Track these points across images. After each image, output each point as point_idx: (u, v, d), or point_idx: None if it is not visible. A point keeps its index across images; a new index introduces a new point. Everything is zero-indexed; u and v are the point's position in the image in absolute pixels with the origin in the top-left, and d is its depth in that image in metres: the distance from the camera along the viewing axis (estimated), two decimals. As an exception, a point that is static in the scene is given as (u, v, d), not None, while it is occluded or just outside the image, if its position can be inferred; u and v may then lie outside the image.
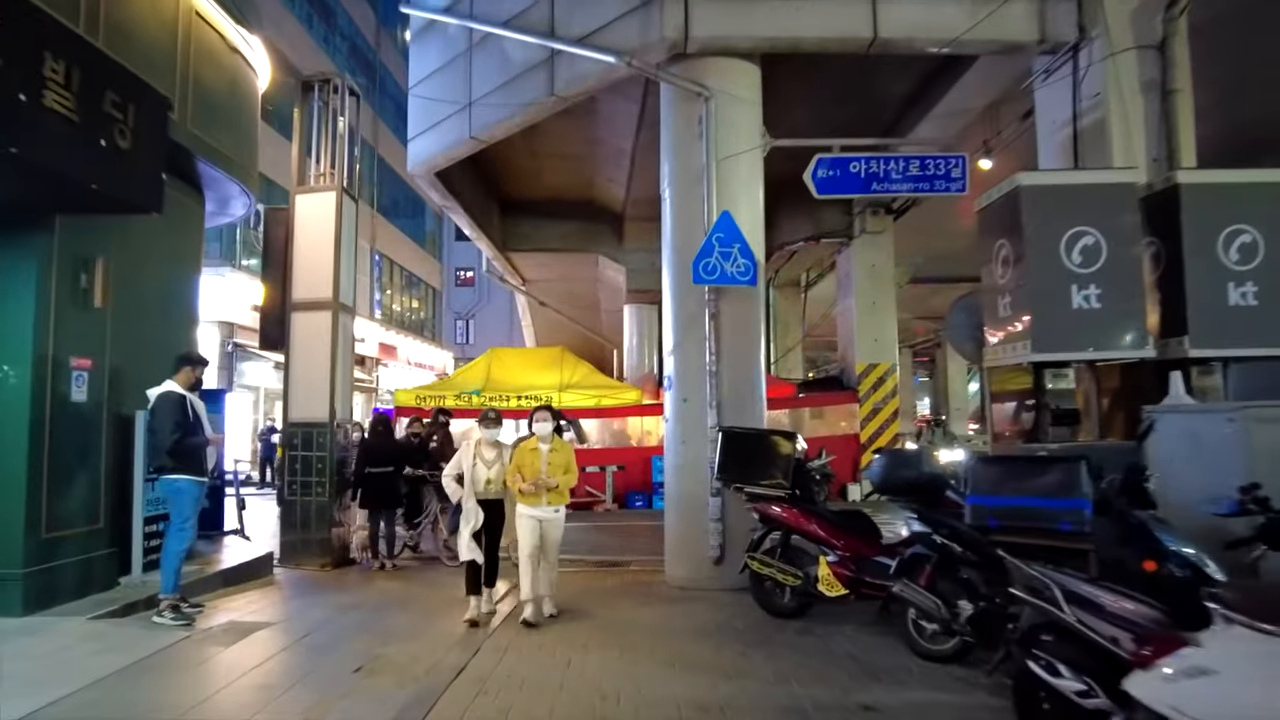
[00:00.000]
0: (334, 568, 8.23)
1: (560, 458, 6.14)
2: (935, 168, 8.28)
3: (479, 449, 6.22)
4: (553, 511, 6.13)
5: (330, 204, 8.53)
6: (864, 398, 15.26)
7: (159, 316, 7.10)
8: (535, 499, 6.02)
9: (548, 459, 6.05)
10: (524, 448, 6.13)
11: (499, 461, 6.21)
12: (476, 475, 6.13)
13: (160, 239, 7.03)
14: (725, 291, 7.37)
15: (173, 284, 7.49)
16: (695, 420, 7.37)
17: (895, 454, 6.03)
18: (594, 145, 13.28)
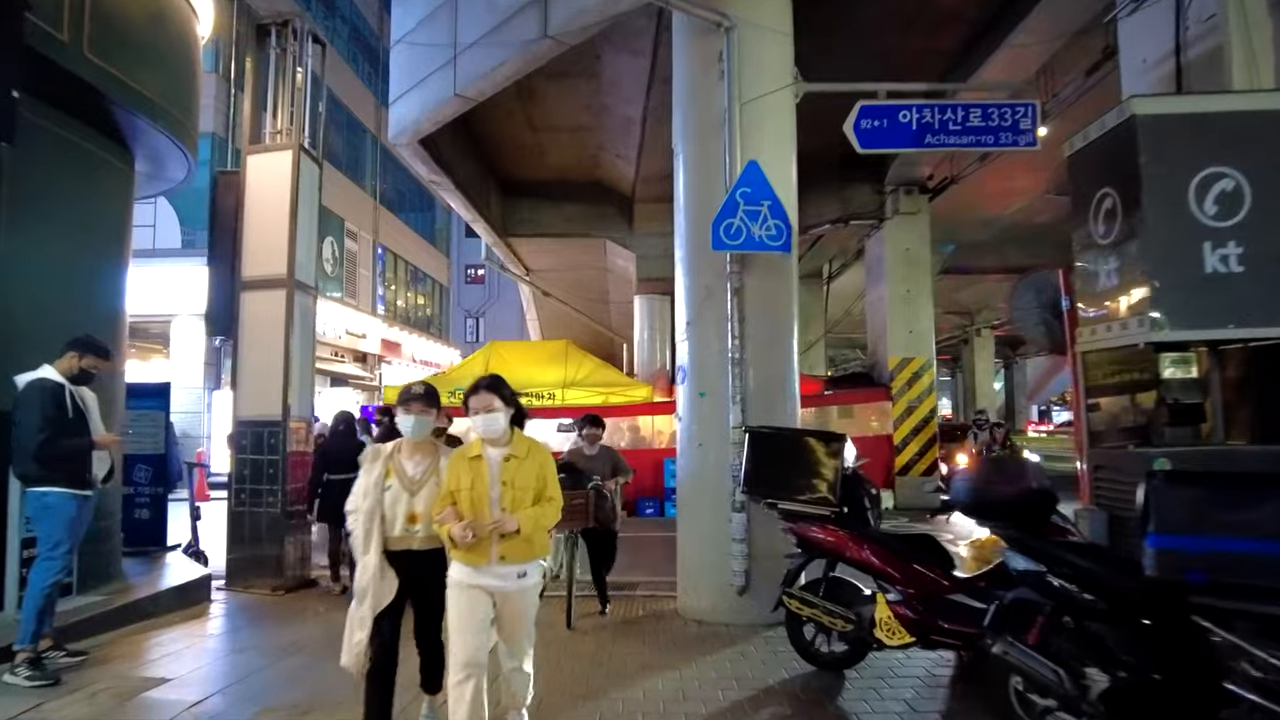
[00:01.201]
0: (288, 591, 6.98)
1: (526, 473, 3.38)
2: (1000, 117, 6.92)
3: (396, 460, 3.52)
4: (514, 576, 3.32)
5: (286, 165, 7.28)
6: (897, 395, 13.88)
7: (58, 305, 5.78)
8: (478, 554, 3.27)
9: (500, 476, 3.34)
10: (460, 457, 3.44)
11: (434, 480, 3.51)
12: (391, 509, 3.46)
13: (64, 203, 5.81)
14: (751, 261, 6.05)
15: (84, 262, 6.22)
16: (714, 419, 6.06)
17: (993, 463, 4.66)
18: (599, 114, 11.98)
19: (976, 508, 3.98)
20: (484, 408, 3.38)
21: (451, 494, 3.36)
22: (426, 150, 10.60)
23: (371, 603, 3.38)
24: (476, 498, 3.31)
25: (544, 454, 3.53)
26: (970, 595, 4.42)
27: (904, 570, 4.56)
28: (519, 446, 3.44)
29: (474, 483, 3.33)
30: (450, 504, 3.33)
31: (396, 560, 3.47)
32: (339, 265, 26.01)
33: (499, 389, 3.45)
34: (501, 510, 3.29)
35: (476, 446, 3.42)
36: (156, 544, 7.59)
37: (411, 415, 3.50)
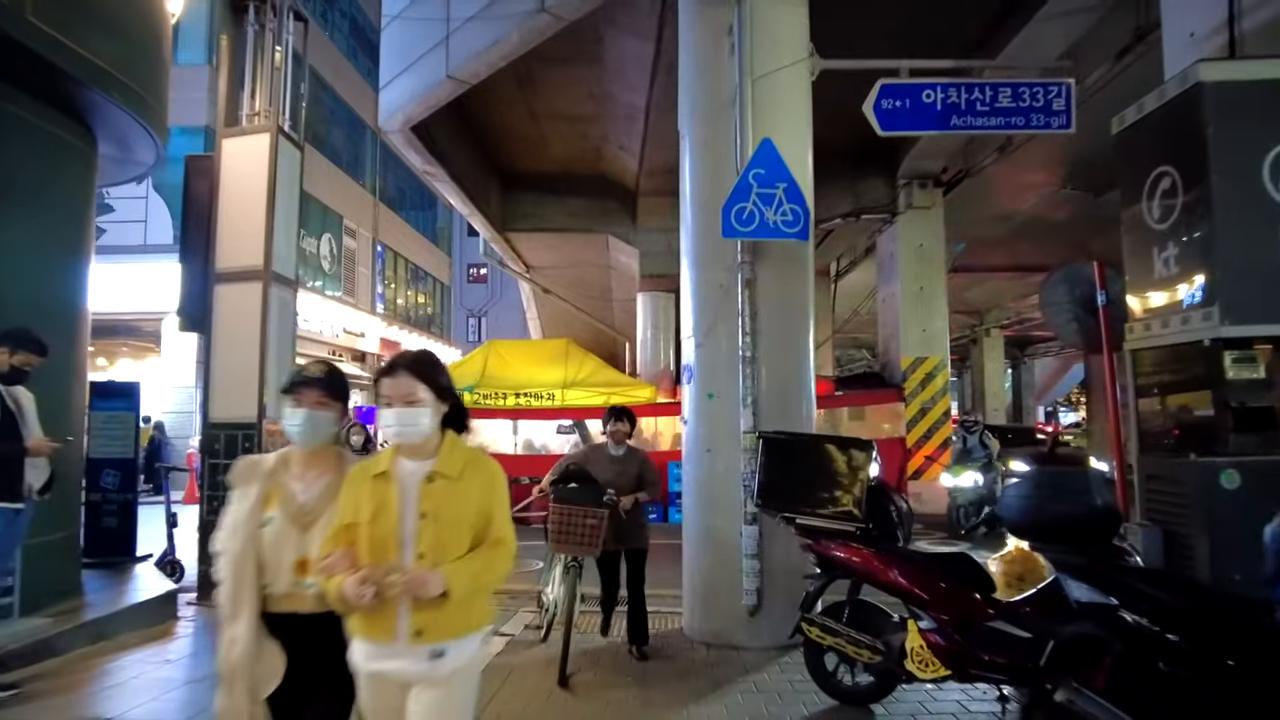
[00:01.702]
0: (263, 607, 6.49)
1: (460, 500, 2.25)
2: (1032, 97, 6.40)
3: (280, 480, 2.40)
4: (424, 659, 2.19)
5: (264, 149, 6.78)
6: (910, 396, 13.36)
7: (7, 298, 5.20)
8: (380, 625, 2.18)
9: (419, 503, 2.22)
10: (361, 474, 2.30)
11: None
12: (272, 553, 2.31)
13: (14, 185, 5.32)
14: (764, 251, 5.54)
15: (38, 251, 5.72)
16: (724, 422, 5.55)
17: (1050, 476, 4.12)
18: (602, 103, 11.48)
19: (1032, 528, 3.47)
20: (401, 397, 2.22)
21: (345, 529, 2.19)
22: (420, 139, 10.10)
23: (245, 691, 2.22)
24: (379, 536, 2.15)
25: (489, 472, 2.32)
26: (1013, 622, 3.90)
27: (938, 593, 4.05)
28: (451, 460, 2.26)
29: (377, 513, 2.16)
30: (342, 545, 2.17)
31: (281, 627, 2.28)
32: (337, 263, 25.52)
33: (426, 371, 2.28)
34: (417, 558, 2.14)
35: (385, 459, 2.27)
36: (125, 554, 7.09)
37: (302, 409, 2.33)
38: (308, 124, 7.09)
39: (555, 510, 5.00)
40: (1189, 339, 4.24)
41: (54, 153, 5.81)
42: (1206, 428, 4.26)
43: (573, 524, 4.92)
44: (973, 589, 4.05)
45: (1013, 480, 3.92)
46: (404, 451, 2.28)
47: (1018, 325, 31.42)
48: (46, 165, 5.73)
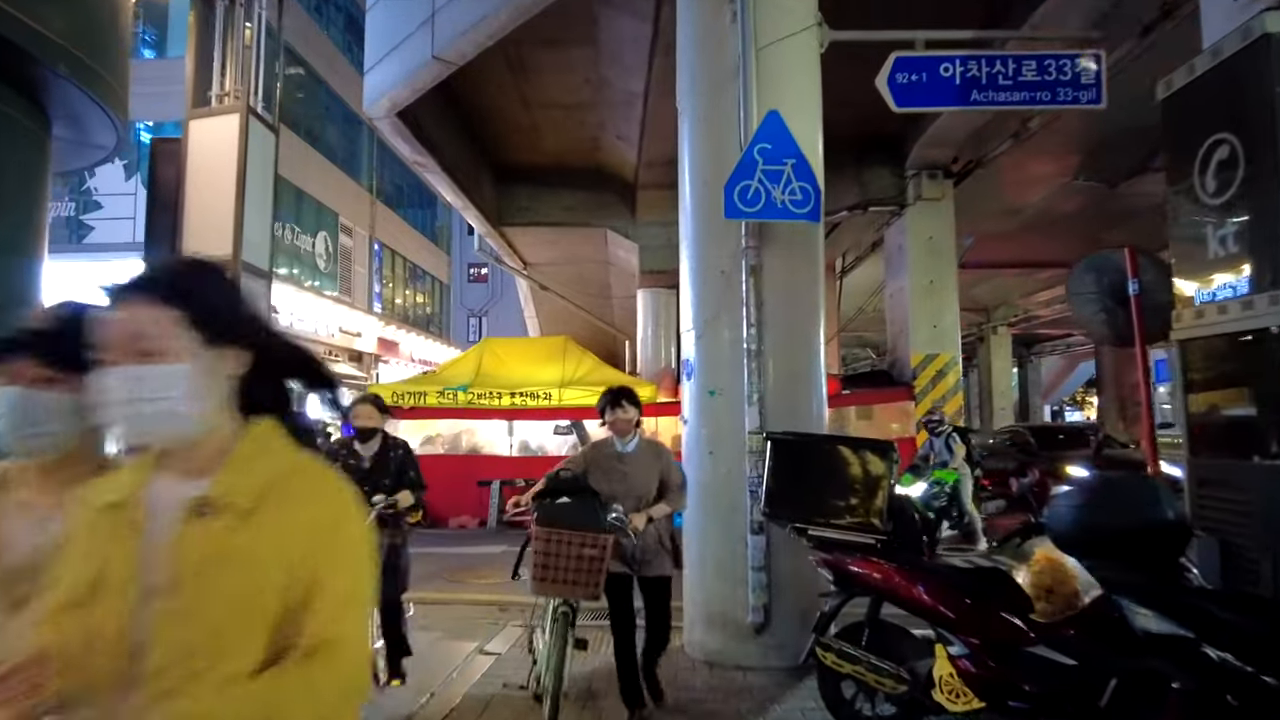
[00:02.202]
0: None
1: (243, 564, 1.13)
2: (1059, 70, 5.94)
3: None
4: None
5: (234, 130, 6.33)
6: (920, 395, 12.86)
7: None
8: None
9: (174, 559, 1.13)
10: (82, 505, 1.24)
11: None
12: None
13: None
14: (771, 234, 5.07)
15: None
16: (727, 422, 5.08)
17: (1110, 482, 3.62)
18: (599, 89, 11.00)
19: (1087, 542, 3.00)
20: (127, 346, 1.17)
21: (55, 612, 1.17)
22: (408, 127, 9.63)
23: None
24: (94, 628, 1.13)
25: (326, 502, 1.24)
26: (1058, 648, 3.44)
27: (970, 614, 3.58)
28: (242, 478, 1.20)
29: (97, 583, 1.16)
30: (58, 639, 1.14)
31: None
32: (333, 261, 25.09)
33: (181, 290, 1.25)
34: (150, 677, 1.10)
35: (129, 474, 1.26)
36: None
37: (10, 389, 1.47)
38: (304, 119, 6.80)
39: (539, 536, 3.68)
40: (1253, 326, 3.76)
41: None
42: (1275, 426, 3.78)
43: (562, 555, 3.63)
44: (1009, 609, 3.59)
45: (1063, 487, 3.42)
46: (163, 462, 1.24)
47: (1025, 323, 30.93)
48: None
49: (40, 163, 5.83)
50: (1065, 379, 48.65)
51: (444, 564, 8.63)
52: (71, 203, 18.32)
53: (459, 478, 12.37)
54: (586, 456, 4.26)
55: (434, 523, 11.64)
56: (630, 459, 4.16)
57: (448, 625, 6.20)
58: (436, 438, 14.02)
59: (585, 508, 3.79)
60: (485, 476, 12.32)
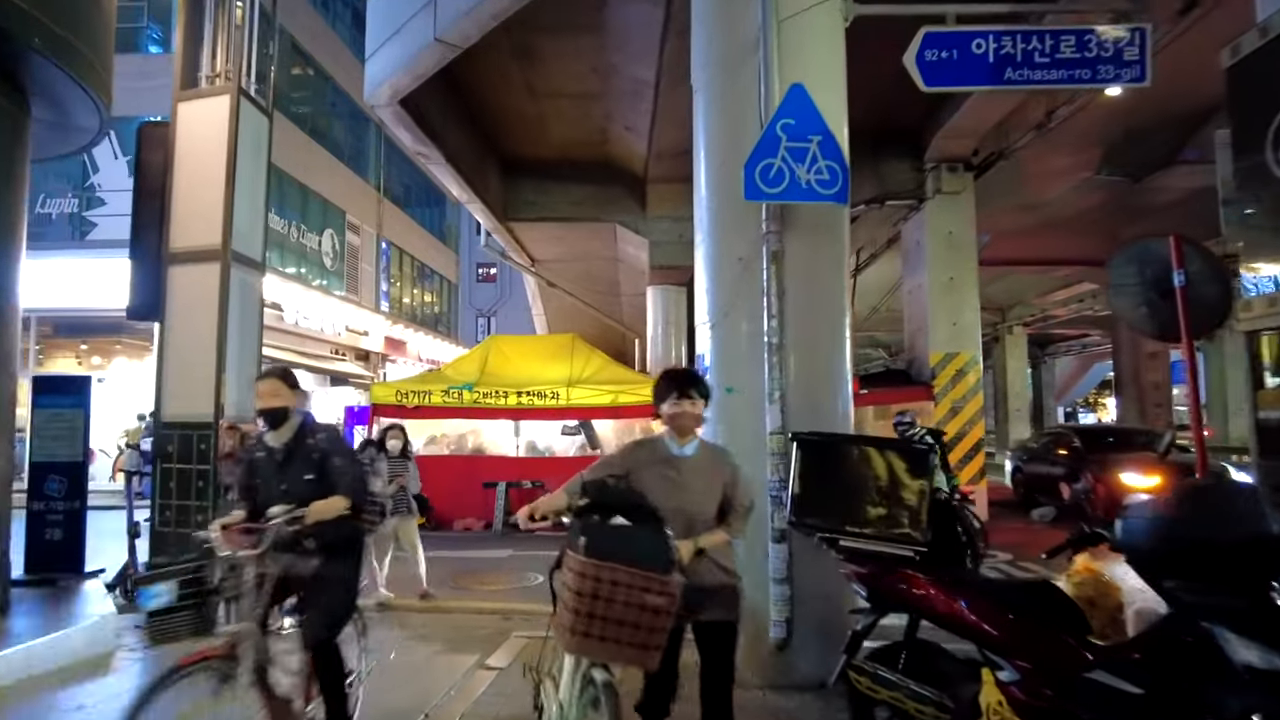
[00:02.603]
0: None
1: None
2: (1100, 46, 5.55)
3: None
4: None
5: (224, 113, 6.00)
6: (939, 395, 12.46)
7: None
8: None
9: None
10: None
11: None
12: None
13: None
14: (794, 218, 4.70)
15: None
16: (745, 422, 4.72)
17: (1199, 492, 3.25)
18: (607, 77, 10.64)
19: (1172, 558, 2.61)
20: None
21: None
22: (410, 115, 9.30)
23: None
24: None
25: None
26: (1121, 674, 3.06)
27: (1021, 634, 3.20)
28: None
29: None
30: None
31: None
32: (340, 260, 24.88)
33: None
34: None
35: None
36: (71, 570, 6.32)
37: None
38: (311, 115, 6.50)
39: (585, 572, 2.60)
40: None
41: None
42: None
43: (616, 602, 2.58)
44: (1065, 628, 3.21)
45: (1137, 499, 3.05)
46: None
47: (1040, 323, 30.43)
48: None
49: (16, 145, 5.53)
50: (1079, 380, 48.08)
51: (447, 569, 8.29)
52: (74, 199, 18.10)
53: (464, 479, 12.05)
54: (628, 457, 3.24)
55: (438, 525, 11.33)
56: (687, 466, 3.16)
57: (447, 636, 5.87)
58: (441, 438, 13.71)
59: (650, 537, 2.72)
60: (491, 478, 11.98)
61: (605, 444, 13.55)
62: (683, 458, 3.19)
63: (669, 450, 3.21)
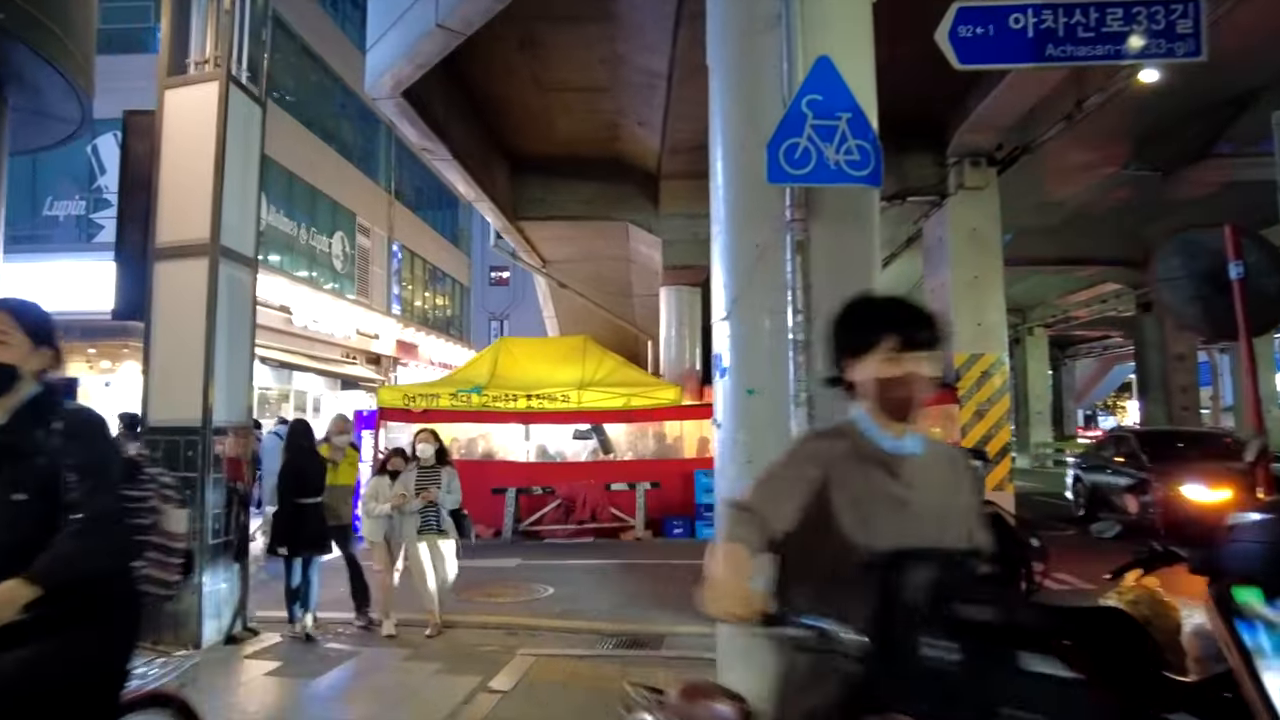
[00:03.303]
0: (209, 650, 5.36)
1: None
2: (1150, 19, 5.12)
3: None
4: None
5: (212, 101, 5.68)
6: (964, 397, 12.02)
7: None
8: None
9: None
10: None
11: None
12: None
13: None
14: (820, 203, 4.32)
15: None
16: (769, 425, 4.33)
17: None
18: (616, 68, 10.28)
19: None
20: None
21: None
22: (414, 108, 8.97)
23: None
24: None
25: None
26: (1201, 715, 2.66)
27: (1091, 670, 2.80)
28: None
29: None
30: None
31: None
32: (350, 263, 24.67)
33: None
34: None
35: None
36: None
37: None
38: (320, 116, 6.25)
39: None
40: None
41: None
42: None
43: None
44: (1141, 662, 2.80)
45: (1252, 515, 2.65)
46: None
47: (1062, 324, 29.87)
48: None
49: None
50: (1098, 383, 47.35)
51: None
52: (81, 201, 17.92)
53: (472, 485, 11.63)
54: (812, 457, 1.86)
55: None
56: (917, 471, 1.85)
57: (449, 654, 5.52)
58: (451, 442, 13.34)
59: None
60: (500, 484, 11.62)
61: (618, 449, 13.20)
62: (908, 458, 1.85)
63: (879, 445, 1.86)
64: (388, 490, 6.07)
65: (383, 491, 6.09)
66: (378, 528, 6.14)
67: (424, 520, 5.99)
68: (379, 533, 6.15)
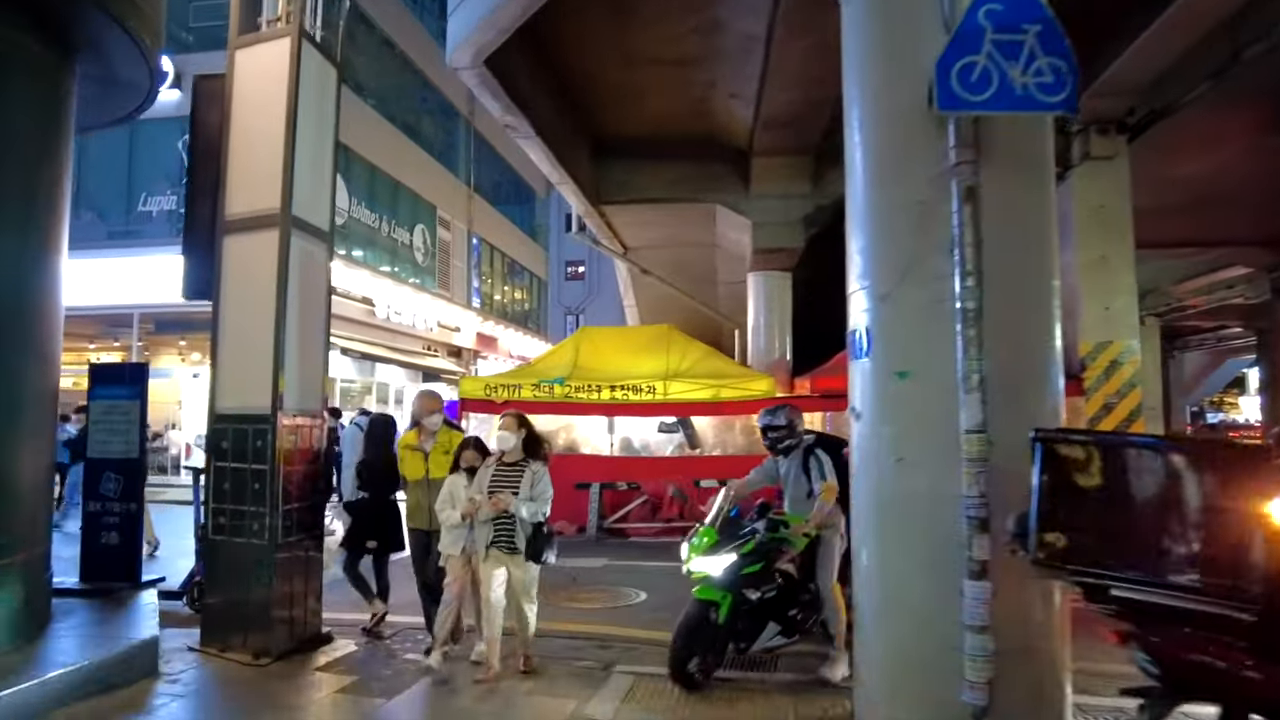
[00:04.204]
0: (279, 658, 4.89)
1: None
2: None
3: None
4: None
5: (284, 60, 5.21)
6: (1091, 389, 10.85)
7: None
8: None
9: None
10: None
11: None
12: None
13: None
14: (991, 142, 3.50)
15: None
16: (929, 416, 3.56)
17: None
18: (710, 36, 9.54)
19: None
20: None
21: None
22: (497, 79, 8.44)
23: None
24: None
25: None
26: None
27: None
28: None
29: None
30: None
31: None
32: (431, 256, 24.64)
33: None
34: None
35: None
36: (126, 579, 5.66)
37: None
38: (401, 110, 5.87)
39: None
40: None
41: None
42: None
43: None
44: None
45: None
46: None
47: (1175, 313, 27.70)
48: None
49: (58, 110, 4.84)
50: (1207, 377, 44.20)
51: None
52: (173, 195, 18.18)
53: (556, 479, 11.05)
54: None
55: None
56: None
57: (539, 671, 4.90)
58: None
59: None
60: (583, 478, 11.04)
61: (705, 443, 12.49)
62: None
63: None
64: (463, 492, 4.91)
65: (458, 493, 4.93)
66: (454, 539, 4.93)
67: (496, 533, 4.82)
68: (457, 545, 4.93)
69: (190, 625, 5.30)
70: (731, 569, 4.67)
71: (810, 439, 5.31)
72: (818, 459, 5.02)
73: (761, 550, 4.82)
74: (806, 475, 5.07)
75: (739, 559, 4.70)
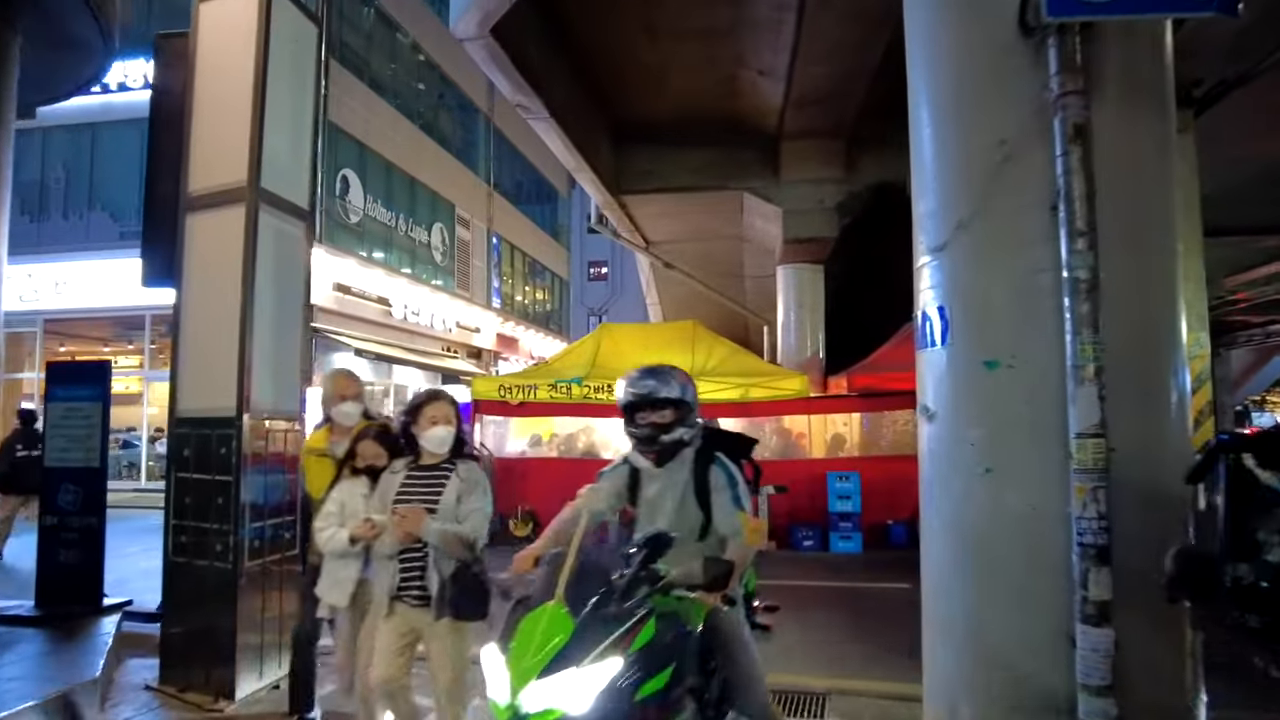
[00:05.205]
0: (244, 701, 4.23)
1: None
2: None
3: None
4: None
5: (252, 11, 4.56)
6: (1156, 386, 9.95)
7: None
8: None
9: None
10: None
11: None
12: None
13: None
14: (1101, 68, 2.76)
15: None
16: (1023, 416, 2.81)
17: None
18: (738, 6, 8.78)
19: None
20: None
21: None
22: (506, 52, 7.76)
23: None
24: None
25: None
26: None
27: None
28: None
29: None
30: None
31: None
32: (449, 256, 24.11)
33: None
34: None
35: None
36: (87, 602, 5.03)
37: None
38: (418, 106, 5.33)
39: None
40: None
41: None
42: None
43: None
44: None
45: None
46: None
47: (1224, 307, 26.44)
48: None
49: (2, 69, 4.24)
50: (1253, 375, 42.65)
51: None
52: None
53: (573, 484, 10.45)
54: None
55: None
56: None
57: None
58: (550, 438, 12.25)
59: None
60: (604, 486, 10.34)
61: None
62: None
63: None
64: (360, 503, 3.33)
65: (352, 504, 3.34)
66: (340, 581, 3.38)
67: (404, 574, 3.13)
68: (344, 589, 3.38)
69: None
70: (616, 695, 2.18)
71: (698, 427, 3.17)
72: (723, 469, 3.01)
73: (666, 640, 2.44)
74: (700, 498, 3.01)
75: (628, 664, 2.25)
